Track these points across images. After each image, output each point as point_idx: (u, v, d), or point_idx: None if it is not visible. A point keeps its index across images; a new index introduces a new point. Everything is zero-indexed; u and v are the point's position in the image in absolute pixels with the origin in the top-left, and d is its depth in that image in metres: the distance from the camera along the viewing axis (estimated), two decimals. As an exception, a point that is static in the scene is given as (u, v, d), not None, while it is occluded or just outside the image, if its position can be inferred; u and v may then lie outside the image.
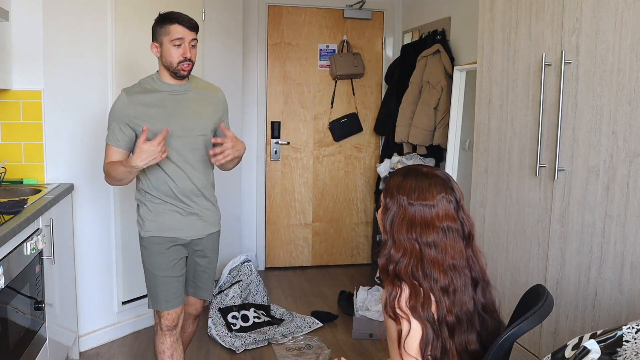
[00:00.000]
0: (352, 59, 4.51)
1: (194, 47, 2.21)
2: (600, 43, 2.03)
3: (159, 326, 2.28)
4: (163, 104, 2.21)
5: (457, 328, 1.37)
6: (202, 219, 2.31)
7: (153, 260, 2.26)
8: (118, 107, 2.20)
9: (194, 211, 2.28)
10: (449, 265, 1.38)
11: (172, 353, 2.27)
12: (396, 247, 1.40)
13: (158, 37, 2.19)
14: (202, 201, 2.31)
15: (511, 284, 2.58)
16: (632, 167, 1.90)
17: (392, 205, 1.42)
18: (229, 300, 3.42)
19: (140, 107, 2.19)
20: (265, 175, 4.57)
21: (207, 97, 2.33)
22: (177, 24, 2.15)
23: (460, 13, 3.70)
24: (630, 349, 1.23)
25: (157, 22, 2.21)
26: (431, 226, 1.38)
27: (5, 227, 1.95)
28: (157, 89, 2.23)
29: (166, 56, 2.17)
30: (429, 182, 1.40)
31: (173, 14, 2.18)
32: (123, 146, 2.21)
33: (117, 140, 2.19)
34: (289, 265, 4.69)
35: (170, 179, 2.23)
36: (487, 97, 2.74)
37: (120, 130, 2.18)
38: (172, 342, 2.28)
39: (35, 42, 2.81)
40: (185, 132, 2.22)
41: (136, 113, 2.17)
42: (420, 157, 3.87)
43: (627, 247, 1.93)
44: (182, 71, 2.18)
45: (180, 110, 2.23)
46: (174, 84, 2.23)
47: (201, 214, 2.31)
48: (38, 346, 2.28)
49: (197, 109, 2.27)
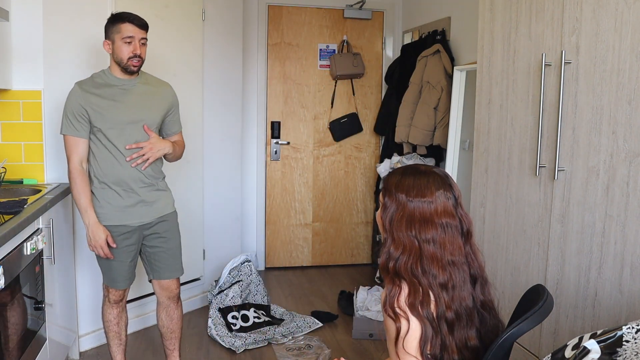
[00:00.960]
0: (352, 59, 4.51)
1: (143, 45, 2.39)
2: (600, 43, 2.03)
3: (107, 298, 2.54)
4: (113, 97, 2.38)
5: (457, 324, 1.37)
6: (149, 204, 2.47)
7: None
8: (73, 99, 2.35)
9: (140, 199, 2.44)
10: (448, 261, 1.39)
11: (118, 321, 2.57)
12: (395, 244, 1.41)
13: (110, 35, 2.37)
14: (148, 188, 2.47)
15: (511, 284, 2.58)
16: (632, 167, 1.90)
17: (391, 203, 1.44)
18: (229, 300, 3.42)
19: (93, 98, 2.35)
20: (265, 175, 4.57)
21: (155, 91, 2.50)
22: (128, 22, 2.34)
23: (460, 13, 3.70)
24: (630, 349, 1.23)
25: (109, 21, 2.39)
26: (430, 222, 1.39)
27: (5, 227, 1.95)
28: (108, 83, 2.40)
29: (117, 53, 2.35)
30: (427, 179, 1.42)
31: (124, 13, 2.37)
32: (84, 135, 2.36)
33: (77, 130, 2.35)
34: (289, 265, 4.69)
35: (121, 165, 2.39)
36: (487, 97, 2.74)
37: (78, 121, 2.34)
38: (118, 312, 2.57)
39: (35, 42, 2.81)
40: (132, 124, 2.39)
41: (90, 104, 2.34)
42: (420, 157, 3.87)
43: (627, 247, 1.93)
44: (132, 67, 2.36)
45: (129, 102, 2.41)
46: (123, 78, 2.41)
47: (148, 200, 2.47)
48: (38, 346, 2.28)
49: (146, 102, 2.45)
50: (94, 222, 2.36)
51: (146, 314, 3.41)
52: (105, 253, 2.38)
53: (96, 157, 2.39)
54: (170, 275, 2.57)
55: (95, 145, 2.39)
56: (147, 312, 3.42)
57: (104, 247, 2.37)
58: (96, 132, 2.36)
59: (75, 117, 2.33)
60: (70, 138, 2.36)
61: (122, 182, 2.40)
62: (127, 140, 2.38)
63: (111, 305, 2.54)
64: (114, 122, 2.36)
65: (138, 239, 2.49)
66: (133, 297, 3.33)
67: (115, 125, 2.36)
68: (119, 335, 2.59)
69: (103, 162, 2.38)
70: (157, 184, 2.51)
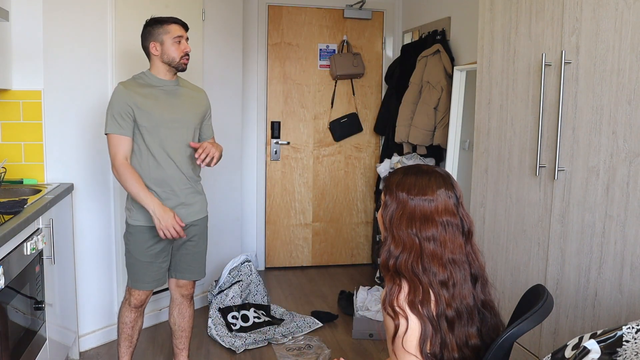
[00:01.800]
0: (352, 59, 4.51)
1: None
2: (600, 43, 2.03)
3: (128, 301, 2.53)
4: (156, 97, 2.40)
5: (457, 322, 1.37)
6: (188, 207, 2.49)
7: (137, 248, 2.44)
8: (118, 98, 2.35)
9: (180, 201, 2.45)
10: (448, 259, 1.39)
11: (133, 325, 2.57)
12: (395, 242, 1.42)
13: (158, 37, 2.38)
14: (188, 190, 2.49)
15: (511, 284, 2.58)
16: (632, 167, 1.90)
17: (392, 201, 1.44)
18: (229, 300, 3.42)
19: (138, 97, 2.35)
20: (265, 175, 4.57)
21: (193, 95, 2.55)
22: (175, 23, 2.40)
23: (460, 13, 3.70)
24: (630, 349, 1.23)
25: (152, 24, 2.41)
26: (430, 220, 1.39)
27: (5, 227, 1.95)
28: (150, 83, 2.42)
29: (168, 53, 2.38)
30: (429, 178, 1.43)
31: (167, 16, 2.43)
32: (129, 133, 2.35)
33: (122, 128, 2.33)
34: (289, 265, 4.69)
35: (161, 167, 2.39)
36: (487, 97, 2.74)
37: (123, 119, 2.33)
38: (135, 317, 2.56)
39: (35, 42, 2.81)
40: (175, 123, 2.41)
41: (135, 102, 2.34)
42: (420, 157, 3.87)
43: (627, 247, 1.93)
44: (184, 65, 2.41)
45: (171, 103, 2.43)
46: (165, 79, 2.44)
47: (187, 202, 2.48)
48: (38, 346, 2.28)
49: (185, 104, 2.48)
50: (157, 205, 2.32)
51: (146, 314, 3.41)
52: (178, 231, 2.34)
53: (138, 158, 2.39)
54: (191, 277, 2.61)
55: (138, 147, 2.39)
56: (147, 312, 3.41)
57: (175, 225, 2.32)
58: (139, 132, 2.36)
59: (121, 115, 2.32)
60: (115, 137, 2.34)
61: (163, 184, 2.41)
62: (170, 141, 2.39)
63: (130, 308, 2.53)
64: (157, 121, 2.37)
65: (171, 241, 2.49)
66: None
67: (159, 125, 2.37)
68: (130, 338, 2.58)
69: (145, 163, 2.39)
70: (196, 187, 2.54)
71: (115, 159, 2.34)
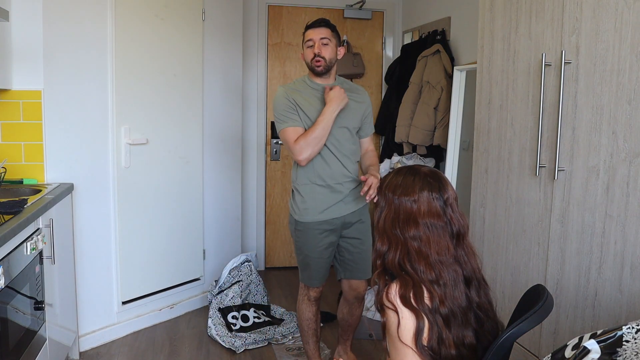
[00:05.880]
0: (352, 59, 4.51)
1: (325, 45, 2.51)
2: (600, 43, 2.03)
3: (306, 297, 2.65)
4: (315, 98, 2.53)
5: (452, 321, 1.37)
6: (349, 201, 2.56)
7: (308, 244, 2.56)
8: (281, 97, 2.52)
9: (343, 195, 2.54)
10: (435, 260, 1.39)
11: (316, 319, 2.69)
12: (382, 241, 1.45)
13: (303, 43, 2.57)
14: (351, 184, 2.56)
15: (511, 284, 2.58)
16: (632, 167, 1.90)
17: (381, 201, 1.49)
18: (229, 300, 3.42)
19: (297, 96, 2.52)
20: (265, 175, 4.57)
21: (353, 97, 2.60)
22: (308, 29, 2.54)
23: (460, 13, 3.70)
24: (630, 349, 1.23)
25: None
26: (413, 220, 1.42)
27: (5, 227, 1.95)
28: (308, 86, 2.58)
29: (305, 58, 2.56)
30: (414, 178, 1.45)
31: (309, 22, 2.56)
32: (300, 124, 2.49)
33: (294, 120, 2.49)
34: (289, 265, 4.68)
35: (327, 164, 2.52)
36: (487, 97, 2.74)
37: (291, 113, 2.49)
38: (316, 310, 2.68)
39: (35, 42, 2.81)
40: (337, 123, 2.50)
41: (296, 100, 2.50)
42: (420, 157, 3.86)
43: (627, 247, 1.93)
44: (316, 67, 2.52)
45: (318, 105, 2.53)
46: (321, 83, 2.57)
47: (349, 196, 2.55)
48: (38, 346, 2.28)
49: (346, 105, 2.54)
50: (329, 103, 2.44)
51: (146, 314, 3.41)
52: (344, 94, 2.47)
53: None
54: (361, 276, 2.66)
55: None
56: (146, 312, 3.42)
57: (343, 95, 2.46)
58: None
59: (288, 110, 2.48)
60: (289, 129, 2.48)
61: (329, 179, 2.52)
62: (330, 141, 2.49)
63: (311, 302, 2.64)
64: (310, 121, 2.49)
65: (337, 236, 2.58)
66: (133, 297, 3.34)
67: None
68: (316, 332, 2.70)
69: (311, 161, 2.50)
70: (356, 181, 2.60)
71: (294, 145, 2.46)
